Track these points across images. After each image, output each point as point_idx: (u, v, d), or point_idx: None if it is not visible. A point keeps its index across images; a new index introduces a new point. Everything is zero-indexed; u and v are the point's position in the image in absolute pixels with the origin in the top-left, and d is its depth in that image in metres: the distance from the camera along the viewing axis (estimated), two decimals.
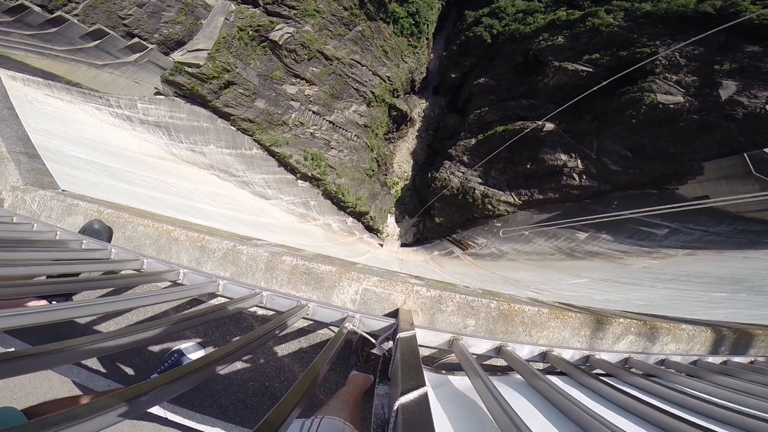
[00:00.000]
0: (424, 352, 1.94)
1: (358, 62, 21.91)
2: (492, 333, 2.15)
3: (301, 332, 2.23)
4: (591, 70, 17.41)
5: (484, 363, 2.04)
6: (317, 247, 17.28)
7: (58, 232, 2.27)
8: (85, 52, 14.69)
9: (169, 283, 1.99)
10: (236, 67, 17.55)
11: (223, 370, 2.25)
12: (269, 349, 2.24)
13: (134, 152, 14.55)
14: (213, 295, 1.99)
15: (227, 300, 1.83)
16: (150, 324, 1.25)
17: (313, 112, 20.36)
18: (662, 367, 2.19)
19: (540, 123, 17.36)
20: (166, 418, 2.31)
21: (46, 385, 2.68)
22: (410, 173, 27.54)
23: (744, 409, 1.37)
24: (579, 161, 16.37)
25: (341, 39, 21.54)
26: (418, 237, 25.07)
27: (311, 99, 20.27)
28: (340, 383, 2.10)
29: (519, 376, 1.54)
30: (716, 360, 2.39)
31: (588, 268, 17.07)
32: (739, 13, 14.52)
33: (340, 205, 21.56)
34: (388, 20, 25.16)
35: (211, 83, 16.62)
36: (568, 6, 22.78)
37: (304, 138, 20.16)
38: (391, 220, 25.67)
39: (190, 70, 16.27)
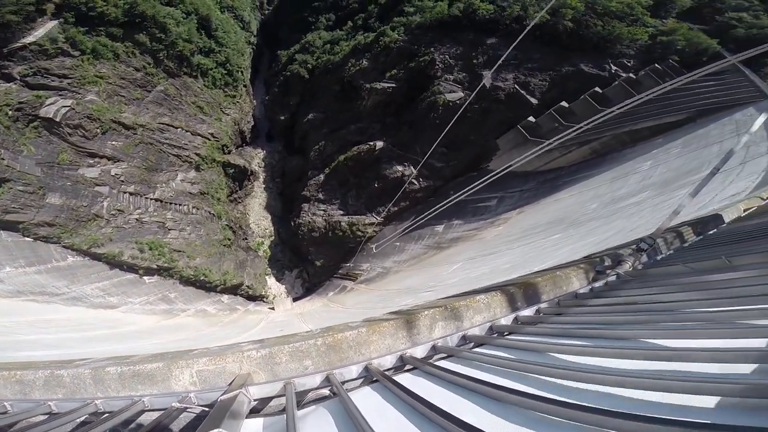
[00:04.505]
0: (277, 401, 2.21)
1: (169, 125, 19.76)
2: (330, 364, 2.40)
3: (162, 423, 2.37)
4: (394, 85, 19.53)
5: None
6: (199, 337, 15.01)
7: None
8: None
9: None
10: (3, 159, 13.72)
11: None
12: None
13: None
14: (52, 415, 2.12)
15: (66, 413, 2.03)
16: None
17: (131, 194, 17.41)
18: (464, 344, 2.46)
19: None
20: None
21: None
22: (272, 228, 26.13)
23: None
24: (412, 168, 18.12)
25: (140, 103, 19.15)
26: (307, 286, 24.18)
27: (122, 179, 17.31)
28: None
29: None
30: (508, 320, 2.69)
31: (456, 253, 18.96)
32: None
33: (207, 286, 18.91)
34: (195, 74, 23.59)
35: None
36: (364, 30, 25.23)
37: (130, 228, 16.98)
38: (271, 281, 24.03)
39: None
